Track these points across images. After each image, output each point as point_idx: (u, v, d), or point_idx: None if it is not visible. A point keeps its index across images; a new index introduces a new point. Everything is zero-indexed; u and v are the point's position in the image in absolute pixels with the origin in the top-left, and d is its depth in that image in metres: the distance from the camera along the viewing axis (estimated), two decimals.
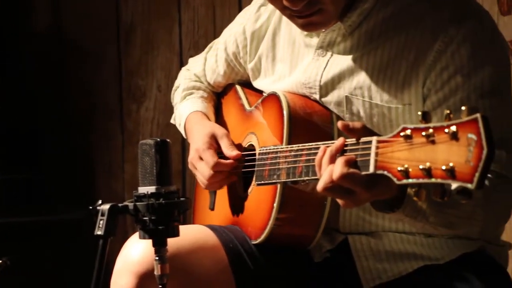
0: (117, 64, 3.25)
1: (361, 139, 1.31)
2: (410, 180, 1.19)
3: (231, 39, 1.85)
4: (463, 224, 1.47)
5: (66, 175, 3.35)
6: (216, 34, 2.82)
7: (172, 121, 2.01)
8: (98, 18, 3.26)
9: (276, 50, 1.75)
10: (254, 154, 1.69)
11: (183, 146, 3.03)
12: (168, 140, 1.41)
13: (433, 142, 1.17)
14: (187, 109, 1.90)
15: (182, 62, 3.05)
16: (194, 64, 2.00)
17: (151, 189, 1.38)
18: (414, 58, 1.54)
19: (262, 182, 1.61)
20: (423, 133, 1.18)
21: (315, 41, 1.65)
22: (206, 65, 1.95)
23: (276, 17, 1.75)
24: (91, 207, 1.38)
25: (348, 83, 1.60)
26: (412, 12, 1.56)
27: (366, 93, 1.58)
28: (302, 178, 1.46)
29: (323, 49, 1.64)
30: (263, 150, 1.64)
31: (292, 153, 1.50)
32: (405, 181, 1.20)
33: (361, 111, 1.59)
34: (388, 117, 1.57)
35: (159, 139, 1.40)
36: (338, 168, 1.30)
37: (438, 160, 1.15)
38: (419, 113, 1.20)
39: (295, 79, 1.68)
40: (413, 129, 1.20)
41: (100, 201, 1.39)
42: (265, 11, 1.77)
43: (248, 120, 1.79)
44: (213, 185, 1.77)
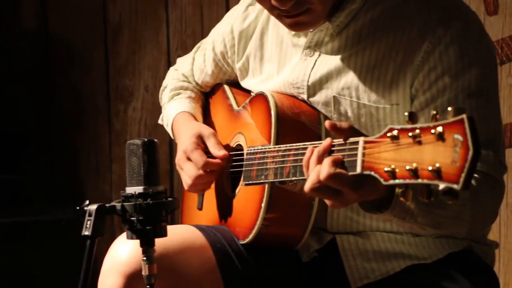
0: (104, 64, 3.24)
1: (348, 139, 1.31)
2: (397, 181, 1.20)
3: (219, 38, 1.85)
4: (451, 224, 1.48)
5: (53, 175, 3.33)
6: (203, 34, 2.82)
7: (159, 121, 2.01)
8: (85, 18, 3.25)
9: (264, 49, 1.75)
10: (242, 154, 1.69)
11: (171, 146, 3.02)
12: (156, 140, 1.41)
13: (419, 142, 1.17)
14: (175, 109, 1.90)
15: (170, 62, 3.05)
16: (182, 64, 2.00)
17: (138, 189, 1.38)
18: (402, 59, 1.55)
19: (250, 182, 1.61)
20: (410, 134, 1.18)
21: (303, 41, 1.66)
22: (194, 65, 1.95)
23: (264, 16, 1.75)
24: (78, 208, 1.38)
25: (336, 83, 1.61)
26: (400, 13, 1.57)
27: (354, 93, 1.59)
28: (289, 178, 1.47)
29: (311, 49, 1.64)
30: (250, 150, 1.64)
31: (280, 153, 1.50)
32: (392, 181, 1.20)
33: (349, 111, 1.60)
34: (376, 117, 1.58)
35: (146, 139, 1.40)
36: (325, 168, 1.30)
37: (425, 161, 1.16)
38: (406, 114, 1.21)
39: (282, 79, 1.68)
40: (399, 130, 1.21)
41: (87, 202, 1.38)
42: (253, 10, 1.77)
43: (236, 120, 1.79)
44: (198, 187, 1.76)
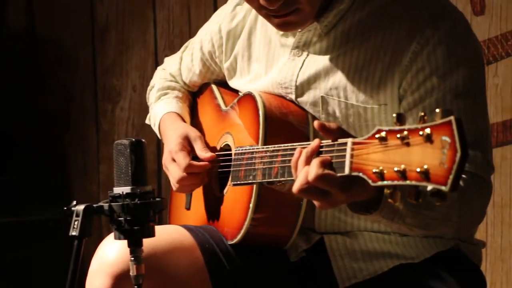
0: (92, 64, 3.23)
1: (337, 140, 1.31)
2: (385, 182, 1.20)
3: (206, 38, 1.85)
4: (439, 225, 1.48)
5: (40, 175, 3.32)
6: (191, 34, 2.82)
7: (147, 121, 2.01)
8: (72, 18, 3.24)
9: (251, 49, 1.75)
10: (230, 154, 1.69)
11: (159, 146, 3.02)
12: (143, 140, 1.41)
13: (407, 144, 1.17)
14: (162, 109, 1.89)
15: (157, 62, 3.04)
16: (170, 63, 2.00)
17: (126, 189, 1.38)
18: (390, 59, 1.55)
19: (238, 182, 1.61)
20: (398, 135, 1.18)
21: (291, 41, 1.66)
22: (182, 65, 1.95)
23: (252, 16, 1.75)
24: (65, 208, 1.37)
25: (324, 83, 1.61)
26: (388, 14, 1.57)
27: (342, 94, 1.59)
28: (278, 179, 1.47)
29: (299, 49, 1.64)
30: (238, 150, 1.64)
31: (268, 154, 1.50)
32: (380, 183, 1.20)
33: (337, 111, 1.60)
34: (364, 117, 1.58)
35: (134, 139, 1.40)
36: (314, 169, 1.30)
37: (413, 162, 1.16)
38: (394, 115, 1.21)
39: (270, 79, 1.68)
40: (388, 131, 1.21)
41: (74, 202, 1.38)
42: (241, 10, 1.77)
43: (224, 120, 1.79)
44: (183, 188, 1.76)
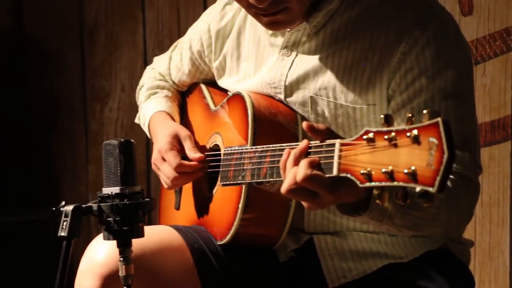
0: (80, 65, 3.22)
1: (325, 141, 1.31)
2: (373, 183, 1.20)
3: (196, 37, 1.85)
4: (427, 226, 1.48)
5: (29, 176, 3.31)
6: (180, 34, 2.81)
7: (136, 120, 2.00)
8: (60, 18, 3.23)
9: (241, 49, 1.75)
10: (219, 155, 1.69)
11: (148, 146, 3.01)
12: (132, 141, 1.40)
13: (395, 145, 1.17)
14: (151, 108, 1.89)
15: (147, 62, 3.04)
16: (159, 63, 1.99)
17: (115, 189, 1.37)
18: (378, 60, 1.55)
19: (227, 182, 1.61)
20: (386, 137, 1.19)
21: (280, 40, 1.66)
22: (171, 64, 1.95)
23: (241, 16, 1.75)
24: (54, 208, 1.37)
25: (313, 83, 1.61)
26: (377, 14, 1.57)
27: (331, 94, 1.59)
28: (267, 179, 1.47)
29: (288, 49, 1.64)
30: (228, 150, 1.64)
31: (257, 154, 1.50)
32: (368, 184, 1.21)
33: (326, 111, 1.60)
34: (352, 117, 1.58)
35: (123, 140, 1.39)
36: (302, 170, 1.30)
37: (400, 164, 1.16)
38: (382, 116, 1.21)
39: (260, 78, 1.69)
40: (375, 133, 1.21)
41: (63, 202, 1.37)
42: (230, 9, 1.77)
43: (213, 120, 1.79)
44: (176, 186, 1.77)
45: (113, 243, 1.39)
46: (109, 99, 3.16)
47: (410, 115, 1.18)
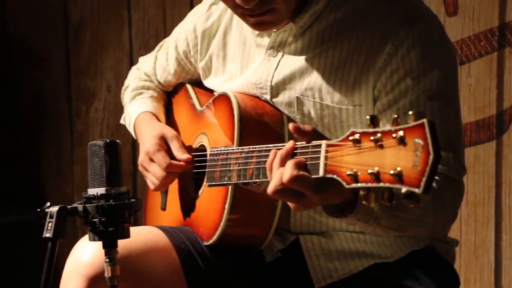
0: (65, 65, 3.21)
1: (311, 142, 1.32)
2: (359, 184, 1.20)
3: (181, 37, 1.84)
4: (413, 227, 1.49)
5: (14, 177, 3.29)
6: (166, 34, 2.80)
7: (121, 121, 2.00)
8: (45, 17, 3.21)
9: (227, 49, 1.75)
10: (205, 155, 1.69)
11: (134, 147, 3.00)
12: (118, 141, 1.40)
13: (381, 146, 1.18)
14: (137, 109, 1.89)
15: (132, 62, 3.03)
16: (144, 63, 1.99)
17: (100, 190, 1.37)
18: (364, 61, 1.55)
19: (214, 183, 1.61)
20: (372, 138, 1.19)
21: (266, 41, 1.66)
22: (157, 64, 1.94)
23: (227, 16, 1.75)
24: (39, 210, 1.36)
25: (299, 84, 1.61)
26: (363, 15, 1.57)
27: (317, 94, 1.59)
28: (253, 180, 1.47)
29: (274, 49, 1.64)
30: (214, 151, 1.64)
31: (243, 155, 1.50)
32: (354, 185, 1.21)
33: (312, 112, 1.60)
34: (338, 118, 1.58)
35: (108, 140, 1.39)
36: (288, 170, 1.30)
37: (386, 165, 1.16)
38: (367, 117, 1.21)
39: (246, 79, 1.68)
40: (361, 133, 1.21)
41: (48, 203, 1.37)
42: (216, 9, 1.77)
43: (199, 120, 1.79)
44: (164, 186, 1.77)
45: (99, 244, 1.38)
46: (94, 99, 3.15)
47: (396, 116, 1.18)
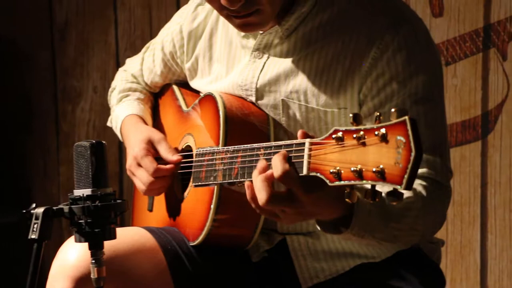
0: (51, 65, 3.19)
1: (294, 141, 1.32)
2: (342, 182, 1.20)
3: (168, 38, 1.84)
4: (405, 236, 1.49)
5: (0, 177, 3.27)
6: (152, 35, 2.81)
7: (108, 123, 1.99)
8: (30, 18, 3.20)
9: (213, 50, 1.75)
10: (192, 156, 1.69)
11: (120, 148, 3.00)
12: (104, 142, 1.40)
13: (364, 144, 1.18)
14: (123, 112, 1.88)
15: (119, 63, 3.02)
16: (131, 64, 1.98)
17: (86, 191, 1.36)
18: (350, 64, 1.55)
19: (199, 183, 1.61)
20: (354, 135, 1.19)
21: (252, 42, 1.66)
22: (143, 65, 1.94)
23: (213, 17, 1.75)
24: (24, 211, 1.36)
25: (284, 86, 1.61)
26: (349, 18, 1.57)
27: (302, 97, 1.59)
28: (238, 180, 1.47)
29: (260, 51, 1.64)
30: (200, 151, 1.64)
31: (228, 155, 1.50)
32: (337, 183, 1.21)
33: (297, 114, 1.60)
34: (324, 120, 1.59)
35: (94, 141, 1.38)
36: (280, 164, 1.28)
37: (369, 162, 1.17)
38: (350, 115, 1.22)
39: (231, 80, 1.68)
40: (344, 131, 1.22)
41: (34, 205, 1.36)
42: (202, 10, 1.77)
43: (185, 121, 1.79)
44: (153, 192, 1.76)
45: (85, 245, 1.38)
46: (80, 100, 3.14)
47: (378, 113, 1.18)
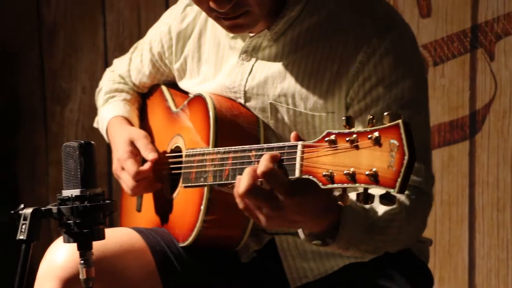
0: (39, 66, 3.18)
1: (287, 143, 1.32)
2: (335, 185, 1.21)
3: (156, 39, 1.84)
4: (389, 246, 1.50)
5: None
6: (141, 35, 2.79)
7: (95, 124, 1.99)
8: (19, 19, 3.19)
9: (201, 51, 1.75)
10: (181, 156, 1.69)
11: (109, 148, 2.97)
12: (93, 142, 1.39)
13: (357, 147, 1.18)
14: (109, 113, 1.88)
15: (107, 64, 3.02)
16: (119, 65, 1.98)
17: (75, 192, 1.36)
18: (337, 68, 1.55)
19: (189, 184, 1.61)
20: (347, 139, 1.19)
21: (240, 43, 1.66)
22: (131, 66, 1.94)
23: (202, 17, 1.75)
24: (13, 211, 1.35)
25: (272, 89, 1.61)
26: (337, 23, 1.57)
27: (290, 101, 1.60)
28: (229, 181, 1.47)
29: (248, 54, 1.64)
30: (189, 152, 1.64)
31: (219, 156, 1.50)
32: (330, 185, 1.21)
33: (286, 117, 1.60)
34: (311, 124, 1.59)
35: (83, 141, 1.38)
36: (264, 162, 1.29)
37: (362, 165, 1.17)
38: (343, 118, 1.22)
39: (219, 81, 1.68)
40: (337, 134, 1.22)
41: (22, 205, 1.36)
42: (191, 11, 1.77)
43: (174, 122, 1.79)
44: (139, 193, 1.77)
45: (73, 246, 1.38)
46: (69, 101, 3.13)
47: (371, 117, 1.19)
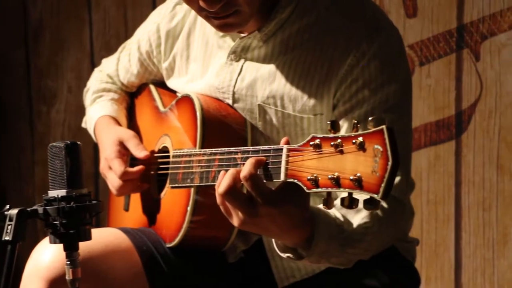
0: (25, 65, 3.17)
1: (272, 146, 1.32)
2: (319, 189, 1.21)
3: (144, 38, 1.83)
4: (359, 257, 1.50)
5: None
6: (127, 34, 2.80)
7: (83, 124, 1.98)
8: (4, 17, 3.17)
9: (190, 49, 1.74)
10: (168, 157, 1.69)
11: (95, 148, 2.97)
12: (79, 143, 1.39)
13: (341, 152, 1.18)
14: (96, 113, 1.88)
15: (94, 63, 3.01)
16: (107, 64, 1.98)
17: (61, 192, 1.35)
18: (326, 71, 1.56)
19: (176, 185, 1.60)
20: (332, 143, 1.20)
21: (229, 42, 1.65)
22: (119, 65, 1.93)
23: (191, 16, 1.74)
24: None
25: (261, 91, 1.61)
26: (327, 26, 1.57)
27: (279, 103, 1.60)
28: (215, 183, 1.47)
29: (236, 55, 1.64)
30: (176, 152, 1.63)
31: (205, 157, 1.50)
32: (314, 189, 1.21)
33: (274, 119, 1.61)
34: (300, 126, 1.59)
35: (69, 142, 1.37)
36: (248, 166, 1.29)
37: (346, 170, 1.17)
38: (328, 122, 1.22)
39: (207, 81, 1.68)
40: (322, 139, 1.22)
41: (8, 206, 1.35)
42: (181, 10, 1.76)
43: (162, 122, 1.78)
44: (124, 194, 1.77)
45: (59, 246, 1.37)
46: (55, 101, 3.12)
47: (355, 121, 1.19)
